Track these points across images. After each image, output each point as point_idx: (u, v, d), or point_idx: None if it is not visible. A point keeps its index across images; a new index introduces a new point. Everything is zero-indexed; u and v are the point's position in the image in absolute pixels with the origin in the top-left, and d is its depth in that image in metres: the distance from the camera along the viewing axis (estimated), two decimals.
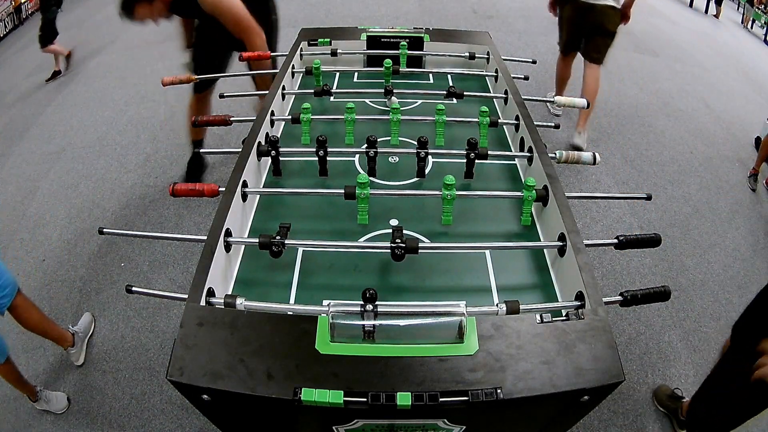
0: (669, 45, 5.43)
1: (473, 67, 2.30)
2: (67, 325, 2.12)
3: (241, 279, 1.29)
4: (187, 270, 2.48)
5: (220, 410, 1.02)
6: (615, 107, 3.98)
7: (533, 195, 1.39)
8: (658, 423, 1.93)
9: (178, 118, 3.70)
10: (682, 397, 1.94)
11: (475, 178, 1.59)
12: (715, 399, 1.60)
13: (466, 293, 1.24)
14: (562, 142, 3.40)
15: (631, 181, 3.19)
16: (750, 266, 2.65)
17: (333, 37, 2.32)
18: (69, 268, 2.55)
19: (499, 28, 5.29)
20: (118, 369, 2.08)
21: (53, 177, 3.18)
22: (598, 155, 1.62)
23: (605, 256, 2.61)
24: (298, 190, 1.51)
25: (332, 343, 0.96)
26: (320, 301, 1.16)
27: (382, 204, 1.47)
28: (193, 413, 1.88)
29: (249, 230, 1.43)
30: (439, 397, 0.89)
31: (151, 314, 2.28)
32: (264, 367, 0.93)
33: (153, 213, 2.86)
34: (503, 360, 0.94)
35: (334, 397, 0.88)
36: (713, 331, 2.29)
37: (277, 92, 1.87)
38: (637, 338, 2.23)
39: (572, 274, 1.16)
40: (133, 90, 4.13)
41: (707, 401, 1.66)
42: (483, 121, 1.72)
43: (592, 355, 0.96)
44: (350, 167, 1.66)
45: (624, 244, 1.29)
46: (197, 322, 1.00)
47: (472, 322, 0.99)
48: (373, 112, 1.93)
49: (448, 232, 1.42)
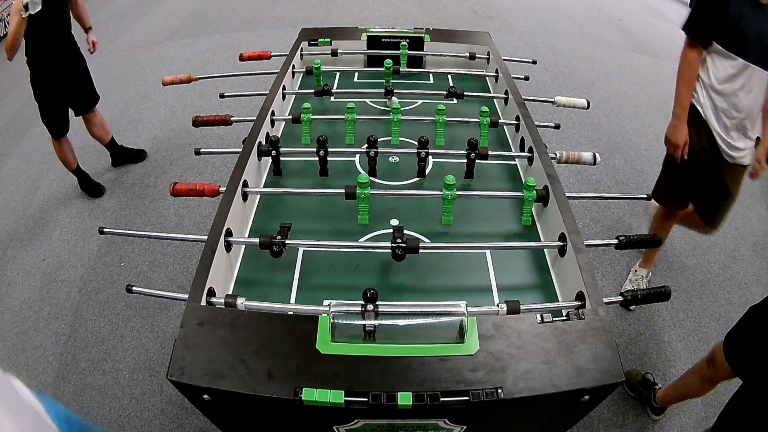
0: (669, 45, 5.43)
1: (473, 67, 2.30)
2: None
3: (241, 279, 1.29)
4: (187, 270, 2.48)
5: (220, 410, 1.02)
6: (615, 107, 3.98)
7: (533, 195, 1.39)
8: (659, 423, 1.93)
9: (178, 118, 3.71)
10: (654, 383, 1.94)
11: (476, 178, 1.59)
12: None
13: (466, 293, 1.24)
14: (563, 142, 3.40)
15: (631, 181, 3.19)
16: (750, 266, 2.65)
17: (333, 37, 2.32)
18: (69, 268, 2.55)
19: (499, 28, 5.29)
20: (118, 369, 2.08)
21: (53, 177, 3.17)
22: (598, 155, 1.62)
23: (605, 256, 2.61)
24: (299, 190, 1.51)
25: (333, 343, 0.96)
26: (321, 301, 1.16)
27: (383, 204, 1.47)
28: (193, 413, 1.87)
29: (249, 230, 1.43)
30: (439, 397, 0.89)
31: (151, 314, 2.28)
32: (265, 367, 0.93)
33: (153, 213, 2.86)
34: (504, 360, 0.95)
35: (334, 397, 0.88)
36: (713, 331, 2.29)
37: (277, 92, 1.87)
38: (637, 338, 2.23)
39: (572, 274, 1.16)
40: (133, 90, 4.13)
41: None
42: (483, 121, 1.72)
43: (592, 355, 0.96)
44: (351, 167, 1.66)
45: (624, 244, 1.29)
46: (198, 322, 1.00)
47: (473, 322, 0.99)
48: (373, 112, 1.93)
49: (448, 232, 1.42)
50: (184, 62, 4.51)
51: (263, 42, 4.84)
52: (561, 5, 6.12)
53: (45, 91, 2.61)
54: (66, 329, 2.25)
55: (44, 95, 2.62)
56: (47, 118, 2.68)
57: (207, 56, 4.60)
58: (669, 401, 1.88)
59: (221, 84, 3.47)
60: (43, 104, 2.64)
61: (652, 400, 1.90)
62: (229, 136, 3.34)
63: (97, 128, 2.99)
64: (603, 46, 5.13)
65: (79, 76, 2.75)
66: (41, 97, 2.62)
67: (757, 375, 1.31)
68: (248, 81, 3.49)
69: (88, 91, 2.85)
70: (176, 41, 4.98)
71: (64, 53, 2.61)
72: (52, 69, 2.58)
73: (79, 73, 2.74)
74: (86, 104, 2.86)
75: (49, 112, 2.67)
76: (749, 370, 1.35)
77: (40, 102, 2.64)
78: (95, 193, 2.99)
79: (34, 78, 2.56)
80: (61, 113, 2.72)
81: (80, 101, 2.83)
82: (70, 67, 2.67)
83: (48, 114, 2.67)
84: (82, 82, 2.78)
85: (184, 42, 4.94)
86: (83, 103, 2.85)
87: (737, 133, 1.86)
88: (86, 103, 2.86)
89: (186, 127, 3.44)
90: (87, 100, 2.86)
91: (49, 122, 2.69)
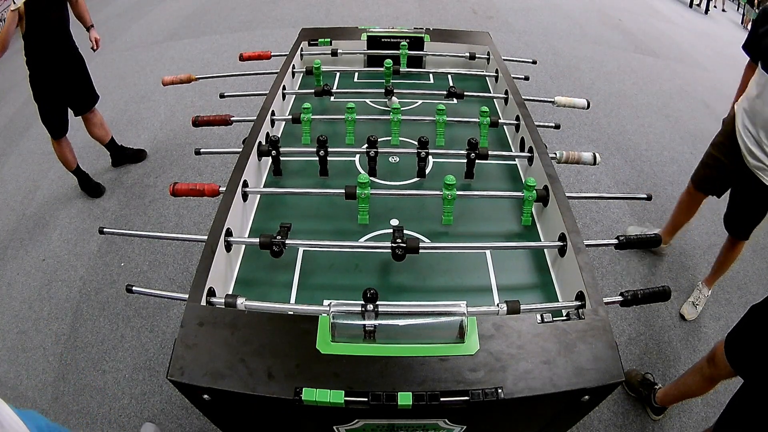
0: (669, 45, 5.43)
1: (473, 68, 2.30)
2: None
3: (241, 279, 1.29)
4: (186, 270, 2.48)
5: (220, 410, 1.02)
6: (615, 107, 3.98)
7: (533, 195, 1.39)
8: (658, 423, 1.93)
9: (178, 118, 3.71)
10: (654, 383, 1.95)
11: (476, 178, 1.59)
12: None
13: (466, 293, 1.24)
14: (563, 142, 3.40)
15: (631, 181, 3.19)
16: (750, 266, 2.65)
17: (333, 37, 2.32)
18: (69, 268, 2.55)
19: (499, 28, 5.29)
20: (118, 369, 2.08)
21: (53, 177, 3.17)
22: (598, 155, 1.62)
23: (605, 256, 2.61)
24: (299, 190, 1.51)
25: (333, 343, 0.96)
26: (321, 300, 1.16)
27: (383, 204, 1.47)
28: (193, 413, 1.87)
29: (249, 230, 1.43)
30: (439, 397, 0.89)
31: (151, 314, 2.28)
32: (265, 367, 0.93)
33: (153, 213, 2.86)
34: (504, 360, 0.95)
35: (334, 397, 0.88)
36: (713, 331, 2.29)
37: (277, 92, 1.87)
38: (637, 338, 2.23)
39: (572, 274, 1.16)
40: (133, 90, 4.13)
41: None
42: (483, 121, 1.72)
43: (592, 355, 0.96)
44: (351, 167, 1.66)
45: (624, 244, 1.29)
46: (198, 322, 1.00)
47: (473, 321, 0.99)
48: (373, 112, 1.93)
49: (448, 232, 1.42)
50: (184, 62, 4.51)
51: (263, 42, 4.84)
52: (561, 5, 6.12)
53: (44, 92, 2.62)
54: (66, 329, 2.25)
55: (44, 95, 2.62)
56: (47, 119, 2.69)
57: (207, 56, 4.60)
58: (669, 401, 1.88)
59: (221, 84, 3.48)
60: (43, 104, 2.65)
61: (652, 400, 1.90)
62: (229, 136, 3.34)
63: (97, 128, 2.99)
64: (603, 46, 5.13)
65: (79, 76, 2.75)
66: (41, 98, 2.62)
67: (759, 374, 1.31)
68: (248, 81, 3.50)
69: (88, 91, 2.85)
70: (176, 41, 4.98)
71: (63, 53, 2.61)
72: (52, 69, 2.58)
73: (79, 74, 2.74)
74: (86, 104, 2.86)
75: (49, 112, 2.67)
76: (750, 369, 1.36)
77: (39, 102, 2.64)
78: (95, 193, 2.99)
79: (34, 78, 2.57)
80: (61, 113, 2.72)
81: (80, 101, 2.83)
82: (69, 67, 2.67)
83: (47, 114, 2.68)
84: (82, 82, 2.78)
85: (184, 42, 4.94)
86: (83, 103, 2.85)
87: (757, 147, 1.88)
88: (86, 103, 2.86)
89: (186, 127, 3.44)
90: (86, 100, 2.86)
91: (48, 122, 2.69)
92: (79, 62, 2.73)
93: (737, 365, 1.41)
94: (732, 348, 1.44)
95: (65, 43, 2.62)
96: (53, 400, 1.99)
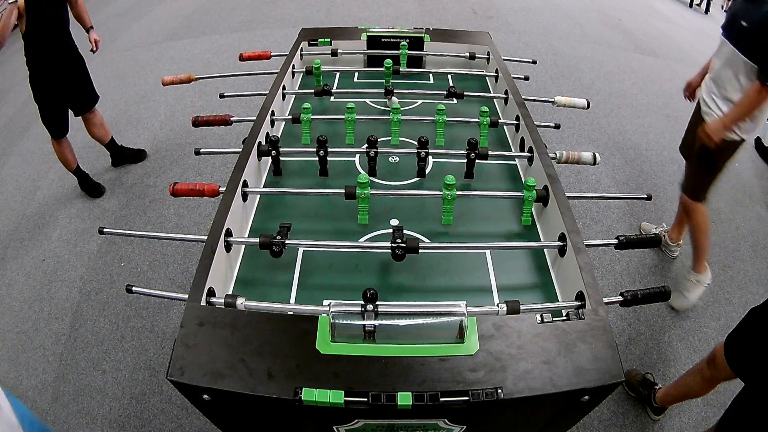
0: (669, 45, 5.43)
1: (473, 67, 2.30)
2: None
3: (241, 279, 1.29)
4: (186, 270, 2.48)
5: (220, 410, 1.02)
6: (615, 107, 3.98)
7: (533, 195, 1.39)
8: (659, 423, 1.93)
9: (178, 118, 3.71)
10: (654, 383, 1.95)
11: (476, 178, 1.59)
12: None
13: (466, 293, 1.24)
14: (563, 142, 3.40)
15: (631, 181, 3.19)
16: (750, 266, 2.65)
17: (333, 37, 2.32)
18: (69, 268, 2.55)
19: (499, 28, 5.29)
20: (118, 369, 2.08)
21: (53, 177, 3.17)
22: (598, 155, 1.62)
23: (605, 256, 2.61)
24: (299, 190, 1.51)
25: (333, 343, 0.96)
26: (320, 300, 1.16)
27: (383, 204, 1.47)
28: (193, 413, 1.87)
29: (249, 230, 1.43)
30: (439, 397, 0.89)
31: (151, 314, 2.28)
32: (264, 367, 0.93)
33: (153, 213, 2.86)
34: (504, 360, 0.94)
35: (334, 397, 0.88)
36: (713, 331, 2.29)
37: (277, 92, 1.87)
38: (637, 338, 2.23)
39: (572, 274, 1.16)
40: (133, 90, 4.13)
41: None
42: (483, 121, 1.72)
43: (592, 355, 0.96)
44: (350, 167, 1.66)
45: (624, 244, 1.29)
46: (198, 322, 1.00)
47: (473, 322, 0.99)
48: (373, 112, 1.93)
49: (448, 232, 1.42)
50: (184, 62, 4.51)
51: (263, 42, 4.84)
52: (561, 5, 6.11)
53: (44, 92, 2.62)
54: (66, 329, 2.25)
55: (44, 96, 2.62)
56: (47, 119, 2.69)
57: (207, 56, 4.60)
58: (669, 401, 1.88)
59: (221, 84, 3.48)
60: (43, 105, 2.65)
61: (652, 400, 1.90)
62: (229, 136, 3.34)
63: (97, 128, 2.99)
64: (603, 46, 5.13)
65: (79, 77, 2.75)
66: (41, 98, 2.63)
67: (758, 377, 1.31)
68: (248, 81, 3.49)
69: (88, 91, 2.85)
70: (176, 41, 4.98)
71: (63, 54, 2.61)
72: (52, 70, 2.58)
73: (79, 74, 2.74)
74: (86, 104, 2.86)
75: (49, 112, 2.67)
76: (750, 371, 1.35)
77: (39, 102, 2.64)
78: (95, 193, 2.99)
79: (34, 78, 2.57)
80: (61, 114, 2.72)
81: (80, 101, 2.83)
82: (69, 67, 2.67)
83: (47, 114, 2.68)
84: (82, 82, 2.78)
85: (184, 42, 4.94)
86: (83, 104, 2.85)
87: (707, 91, 2.14)
88: (86, 104, 2.86)
89: (186, 127, 3.43)
90: (86, 101, 2.86)
91: (48, 123, 2.69)
92: (79, 62, 2.73)
93: (737, 368, 1.41)
94: (731, 350, 1.44)
95: (65, 43, 2.62)
96: (53, 400, 1.99)
